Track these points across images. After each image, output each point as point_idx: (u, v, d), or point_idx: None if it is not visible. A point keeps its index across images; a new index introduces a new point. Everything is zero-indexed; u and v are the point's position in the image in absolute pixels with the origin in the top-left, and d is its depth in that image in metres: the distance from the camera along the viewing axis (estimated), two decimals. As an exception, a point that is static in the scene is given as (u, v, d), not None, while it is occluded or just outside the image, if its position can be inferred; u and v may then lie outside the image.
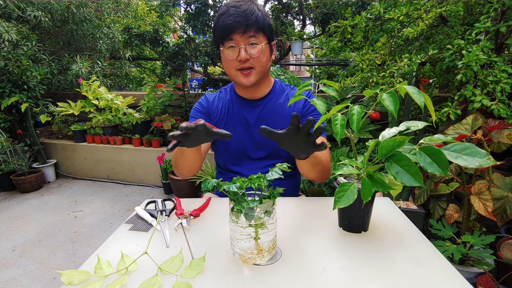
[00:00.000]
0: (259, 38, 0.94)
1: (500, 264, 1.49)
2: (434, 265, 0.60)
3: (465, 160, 0.51)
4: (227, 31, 0.92)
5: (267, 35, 0.97)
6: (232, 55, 0.95)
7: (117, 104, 3.08)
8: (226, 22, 0.91)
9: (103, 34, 3.67)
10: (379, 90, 0.64)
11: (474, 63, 1.50)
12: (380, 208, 0.84)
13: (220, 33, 0.94)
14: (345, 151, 2.19)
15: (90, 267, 0.61)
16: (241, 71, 0.96)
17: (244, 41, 0.92)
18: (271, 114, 1.07)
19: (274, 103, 1.08)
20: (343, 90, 2.79)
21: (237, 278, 0.58)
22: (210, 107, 1.11)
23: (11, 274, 1.94)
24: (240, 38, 0.92)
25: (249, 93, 1.07)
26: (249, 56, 0.93)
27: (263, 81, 1.06)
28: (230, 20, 0.91)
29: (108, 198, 3.12)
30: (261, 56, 0.95)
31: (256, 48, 0.94)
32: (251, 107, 1.08)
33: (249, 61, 0.94)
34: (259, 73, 0.98)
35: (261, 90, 1.07)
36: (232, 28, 0.91)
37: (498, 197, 1.52)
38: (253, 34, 0.92)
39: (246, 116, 1.07)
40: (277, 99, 1.08)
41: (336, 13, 3.18)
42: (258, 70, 0.97)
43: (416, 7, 1.92)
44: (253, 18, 0.91)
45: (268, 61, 1.00)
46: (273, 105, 1.07)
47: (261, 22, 0.93)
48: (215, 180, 0.59)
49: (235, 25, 0.90)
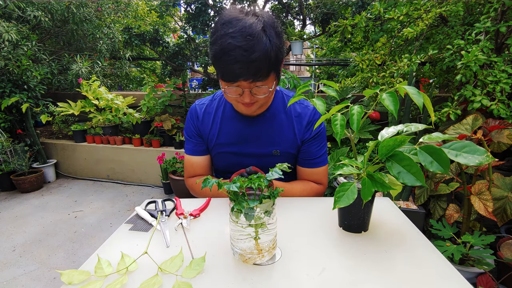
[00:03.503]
0: (268, 80, 0.79)
1: (500, 264, 1.49)
2: (434, 265, 0.60)
3: (465, 158, 0.51)
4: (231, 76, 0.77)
5: (277, 71, 0.82)
6: (234, 92, 0.81)
7: (117, 104, 3.08)
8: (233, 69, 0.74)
9: (103, 34, 3.67)
10: (379, 90, 0.64)
11: (473, 64, 1.50)
12: (380, 208, 0.84)
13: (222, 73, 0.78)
14: (345, 151, 2.19)
15: (90, 267, 0.61)
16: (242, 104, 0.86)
17: (250, 86, 0.79)
18: (272, 131, 0.98)
19: (274, 119, 0.98)
20: (343, 90, 2.79)
21: (237, 278, 0.58)
22: (200, 126, 1.02)
23: (11, 274, 1.94)
24: (247, 84, 0.78)
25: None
26: (254, 99, 0.82)
27: None
28: (237, 69, 0.74)
29: (108, 198, 3.12)
30: (269, 96, 0.86)
31: (262, 89, 0.80)
32: (248, 123, 0.98)
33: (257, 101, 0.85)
34: (262, 106, 0.91)
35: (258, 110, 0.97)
36: (238, 76, 0.76)
37: (498, 197, 1.52)
38: (262, 79, 0.78)
39: (242, 133, 0.98)
40: (278, 114, 0.98)
41: (336, 13, 3.18)
42: (262, 103, 0.88)
43: (416, 7, 1.92)
44: (264, 66, 0.74)
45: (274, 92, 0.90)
46: (273, 121, 0.98)
47: (274, 63, 0.77)
48: (215, 180, 0.58)
49: (243, 73, 0.75)
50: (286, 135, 0.98)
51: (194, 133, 1.04)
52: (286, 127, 0.98)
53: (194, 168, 1.05)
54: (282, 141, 0.98)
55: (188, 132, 1.05)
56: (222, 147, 1.01)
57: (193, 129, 1.04)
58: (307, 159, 1.01)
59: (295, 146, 0.99)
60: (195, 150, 1.04)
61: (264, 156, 0.99)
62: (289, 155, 1.00)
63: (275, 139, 0.98)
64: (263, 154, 0.98)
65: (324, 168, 1.03)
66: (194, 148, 1.04)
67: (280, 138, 0.98)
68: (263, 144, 0.98)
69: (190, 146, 1.05)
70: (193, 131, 1.04)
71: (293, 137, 0.98)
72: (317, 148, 1.00)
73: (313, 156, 1.00)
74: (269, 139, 0.98)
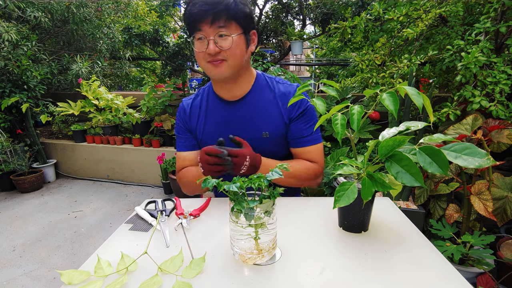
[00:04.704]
0: (230, 29, 0.83)
1: (500, 264, 1.49)
2: (434, 265, 0.60)
3: (465, 160, 0.51)
4: (193, 21, 0.83)
5: (241, 24, 0.85)
6: (201, 47, 0.85)
7: (117, 104, 3.08)
8: (192, 11, 0.82)
9: (103, 34, 3.68)
10: (379, 90, 0.64)
11: (473, 65, 1.50)
12: (380, 208, 0.84)
13: (188, 23, 0.85)
14: (345, 151, 2.19)
15: (90, 267, 0.61)
16: (211, 63, 0.86)
17: (213, 32, 0.82)
18: (258, 113, 0.96)
19: (258, 100, 0.97)
20: (343, 90, 2.79)
21: (237, 278, 0.58)
22: (188, 120, 1.03)
23: (11, 274, 1.94)
24: (209, 29, 0.82)
25: (228, 92, 0.97)
26: (219, 49, 0.83)
27: (242, 76, 0.95)
28: (196, 9, 0.81)
29: (108, 198, 3.12)
30: (234, 48, 0.84)
31: (227, 40, 0.83)
32: (233, 108, 0.97)
33: (220, 53, 0.84)
34: (233, 67, 0.88)
35: (242, 87, 0.96)
36: (198, 17, 0.81)
37: (498, 197, 1.52)
38: (223, 24, 0.82)
39: (227, 120, 0.97)
40: (262, 96, 0.97)
41: (336, 13, 3.18)
42: (232, 63, 0.86)
43: (416, 7, 1.92)
44: (221, 6, 0.80)
45: (243, 54, 0.88)
46: (257, 103, 0.96)
47: (233, 9, 0.82)
48: (216, 180, 0.59)
49: (202, 14, 0.81)
50: (273, 116, 0.96)
51: (183, 129, 1.04)
52: (271, 107, 0.96)
53: (186, 163, 1.04)
54: (269, 123, 0.96)
55: (178, 129, 1.06)
56: (210, 138, 1.00)
57: (182, 125, 1.04)
58: (297, 138, 0.97)
59: (283, 126, 0.97)
60: (186, 146, 1.04)
61: (255, 140, 0.95)
62: (280, 136, 0.97)
63: (261, 122, 0.96)
64: (253, 138, 0.95)
65: (317, 146, 0.98)
66: (184, 143, 1.04)
67: (267, 119, 0.96)
68: (250, 128, 0.96)
69: (180, 143, 1.05)
70: (182, 127, 1.04)
71: (279, 117, 0.96)
72: (306, 126, 0.97)
73: (303, 134, 0.97)
74: (256, 122, 0.96)
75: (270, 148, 0.97)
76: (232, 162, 0.78)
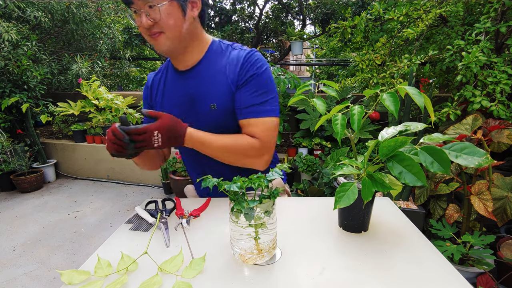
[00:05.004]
0: None
1: (500, 264, 1.49)
2: (434, 265, 0.60)
3: (465, 159, 0.51)
4: None
5: None
6: (137, 21, 0.81)
7: (117, 104, 3.08)
8: None
9: (103, 34, 3.68)
10: (380, 91, 0.64)
11: (474, 65, 1.50)
12: (380, 208, 0.84)
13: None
14: (345, 151, 2.19)
15: (90, 267, 0.61)
16: (150, 36, 0.82)
17: (142, 4, 0.78)
18: (206, 83, 0.89)
19: (208, 70, 0.89)
20: (343, 90, 2.79)
21: (237, 278, 0.58)
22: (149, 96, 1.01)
23: (11, 274, 1.94)
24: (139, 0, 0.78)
25: (180, 62, 0.92)
26: (151, 22, 0.79)
27: (192, 45, 0.89)
28: None
29: (108, 198, 3.12)
30: (165, 18, 0.79)
31: (155, 10, 0.78)
32: (184, 79, 0.92)
33: (155, 26, 0.80)
34: (172, 39, 0.83)
35: (192, 57, 0.90)
36: None
37: (498, 197, 1.52)
38: None
39: (182, 91, 0.93)
40: (214, 64, 0.90)
41: (336, 13, 3.18)
42: (170, 35, 0.82)
43: (416, 7, 1.92)
44: None
45: (180, 23, 0.82)
46: (207, 73, 0.89)
47: None
48: (216, 180, 0.59)
49: None
50: (221, 85, 0.87)
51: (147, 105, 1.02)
52: (220, 76, 0.88)
53: None
54: (217, 93, 0.87)
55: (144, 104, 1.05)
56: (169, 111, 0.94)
57: (145, 97, 1.03)
58: (239, 108, 0.86)
59: (231, 96, 0.87)
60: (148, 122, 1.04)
61: (204, 112, 0.89)
62: (228, 108, 0.88)
63: (209, 92, 0.88)
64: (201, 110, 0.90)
65: (263, 120, 0.85)
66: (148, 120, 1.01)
67: (215, 90, 0.88)
68: (199, 99, 0.90)
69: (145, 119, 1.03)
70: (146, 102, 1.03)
71: (227, 86, 0.87)
72: (252, 95, 0.85)
73: (246, 104, 0.85)
74: (204, 93, 0.89)
75: (220, 121, 0.89)
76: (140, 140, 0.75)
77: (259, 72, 0.86)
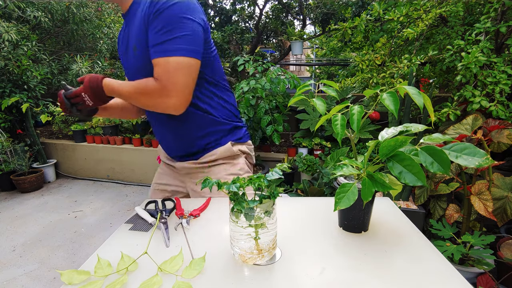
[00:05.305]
0: None
1: (500, 264, 1.49)
2: (434, 265, 0.60)
3: (465, 160, 0.51)
4: None
5: None
6: None
7: (117, 104, 3.08)
8: None
9: (103, 34, 3.68)
10: (380, 90, 0.64)
11: (474, 65, 1.50)
12: (380, 208, 0.84)
13: None
14: (345, 151, 2.19)
15: (90, 267, 0.61)
16: None
17: None
18: (133, 26, 0.86)
19: (136, 11, 0.85)
20: (343, 90, 2.79)
21: (237, 278, 0.58)
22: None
23: (11, 274, 1.94)
24: None
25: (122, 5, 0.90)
26: None
27: None
28: None
29: (108, 198, 3.12)
30: None
31: None
32: (124, 24, 0.92)
33: None
34: None
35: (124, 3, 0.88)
36: None
37: (498, 197, 1.52)
38: None
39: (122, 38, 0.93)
40: (138, 5, 0.85)
41: (336, 13, 3.18)
42: None
43: (416, 7, 1.92)
44: None
45: None
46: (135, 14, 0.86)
47: None
48: (216, 180, 0.59)
49: None
50: (139, 26, 0.83)
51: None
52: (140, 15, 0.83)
53: None
54: (137, 35, 0.83)
55: None
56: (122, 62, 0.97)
57: None
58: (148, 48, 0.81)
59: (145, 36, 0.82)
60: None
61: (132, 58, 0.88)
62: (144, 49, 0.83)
63: (133, 35, 0.86)
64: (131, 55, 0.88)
65: (164, 59, 0.77)
66: None
67: (136, 32, 0.84)
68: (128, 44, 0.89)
69: None
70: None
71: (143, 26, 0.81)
72: (157, 33, 0.77)
73: (152, 43, 0.78)
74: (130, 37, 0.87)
75: (139, 64, 0.86)
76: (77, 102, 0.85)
77: (165, 7, 0.76)
